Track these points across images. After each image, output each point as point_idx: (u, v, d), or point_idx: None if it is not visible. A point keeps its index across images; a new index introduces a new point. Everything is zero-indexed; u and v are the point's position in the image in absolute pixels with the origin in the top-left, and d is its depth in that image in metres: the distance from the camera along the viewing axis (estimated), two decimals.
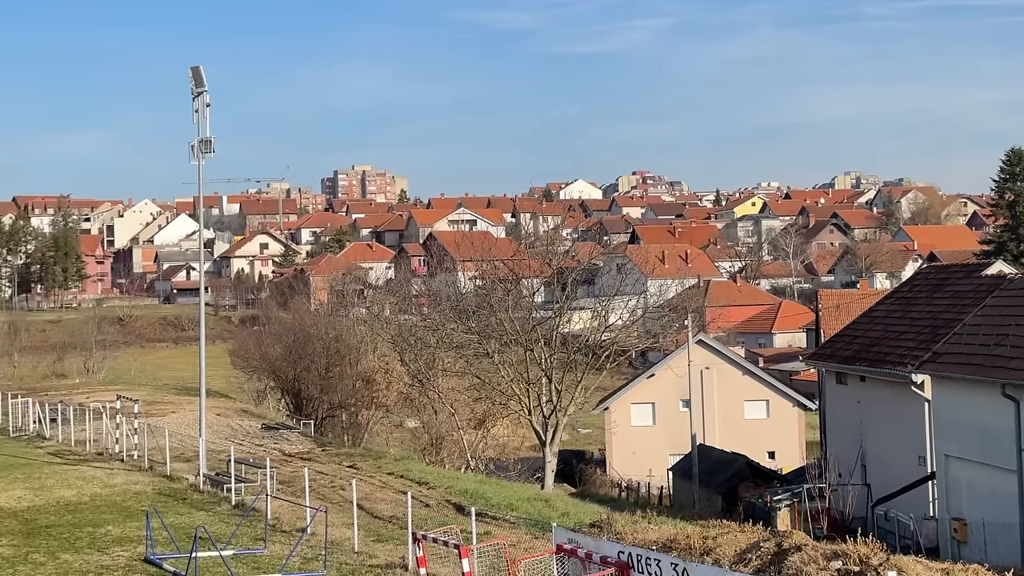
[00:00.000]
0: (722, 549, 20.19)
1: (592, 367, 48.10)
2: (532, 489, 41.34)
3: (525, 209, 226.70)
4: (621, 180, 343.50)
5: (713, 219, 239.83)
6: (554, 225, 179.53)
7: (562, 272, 51.14)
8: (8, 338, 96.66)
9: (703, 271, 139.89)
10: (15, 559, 24.78)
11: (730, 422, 60.64)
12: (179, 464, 37.53)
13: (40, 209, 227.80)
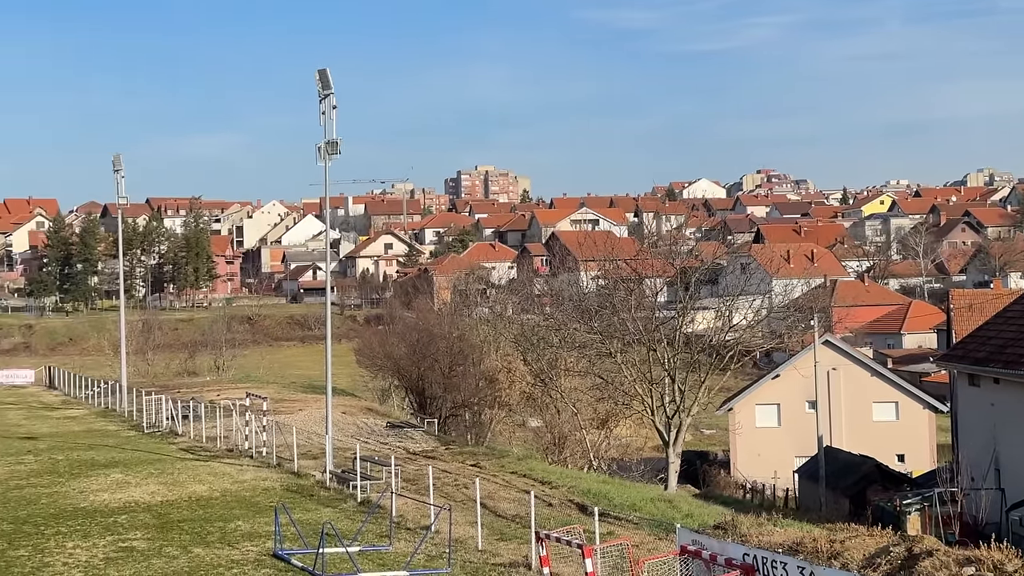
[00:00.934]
0: (850, 553, 19.84)
1: (716, 367, 47.68)
2: (655, 490, 41.10)
3: (648, 208, 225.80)
4: (745, 179, 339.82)
5: (840, 218, 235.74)
6: (677, 224, 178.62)
7: (685, 272, 50.85)
8: (142, 336, 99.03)
9: (829, 271, 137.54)
10: (149, 552, 25.42)
11: (858, 424, 59.55)
12: (306, 461, 38.12)
13: (173, 210, 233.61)
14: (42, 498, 32.79)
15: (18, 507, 31.35)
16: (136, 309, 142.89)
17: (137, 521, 28.98)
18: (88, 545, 26.26)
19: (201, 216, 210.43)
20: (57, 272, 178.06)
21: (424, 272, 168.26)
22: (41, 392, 76.39)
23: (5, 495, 33.40)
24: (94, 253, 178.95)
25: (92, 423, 54.48)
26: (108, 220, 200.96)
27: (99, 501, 32.08)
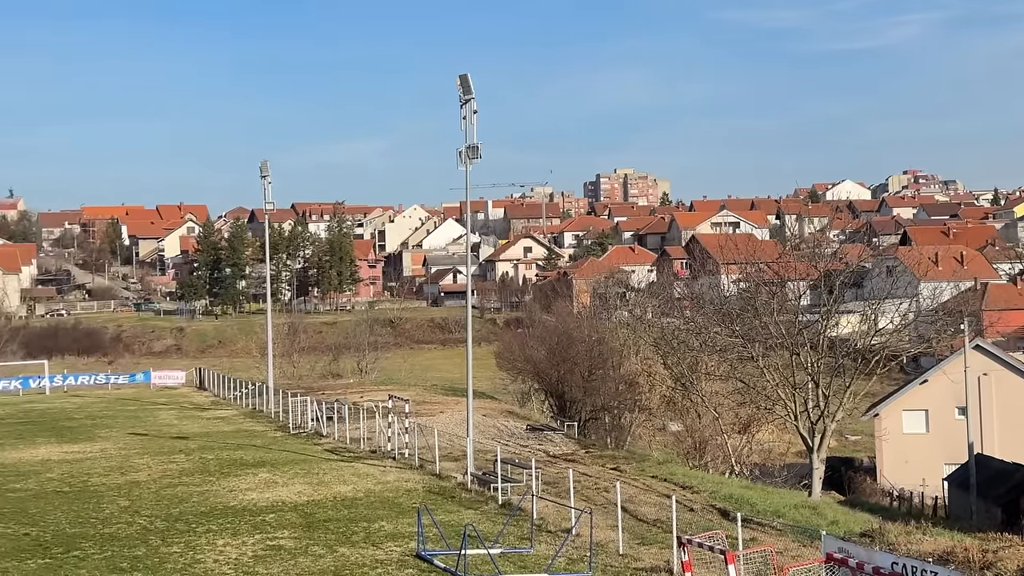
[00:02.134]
0: (1004, 563, 19.27)
1: (861, 372, 46.73)
2: (799, 496, 40.45)
3: (790, 210, 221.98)
4: (891, 179, 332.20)
5: (991, 219, 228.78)
6: (820, 227, 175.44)
7: (829, 275, 49.93)
8: (288, 339, 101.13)
9: (980, 273, 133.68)
10: (296, 551, 25.93)
11: (1011, 431, 57.70)
12: (448, 463, 38.46)
13: (317, 215, 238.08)
14: (193, 496, 33.70)
15: (171, 505, 32.27)
16: (282, 312, 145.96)
17: (284, 520, 29.59)
18: (237, 543, 26.90)
19: (344, 221, 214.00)
20: (207, 276, 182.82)
21: (563, 275, 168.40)
22: (192, 393, 78.49)
23: (158, 493, 34.41)
24: (242, 257, 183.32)
25: (240, 424, 55.80)
26: (255, 225, 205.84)
27: (248, 500, 32.84)
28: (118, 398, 73.68)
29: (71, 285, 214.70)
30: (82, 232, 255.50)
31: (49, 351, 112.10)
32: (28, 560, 25.44)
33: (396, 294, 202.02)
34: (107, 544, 27.02)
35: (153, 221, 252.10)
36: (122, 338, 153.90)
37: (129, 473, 38.81)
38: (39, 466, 41.06)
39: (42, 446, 47.41)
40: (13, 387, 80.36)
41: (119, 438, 49.81)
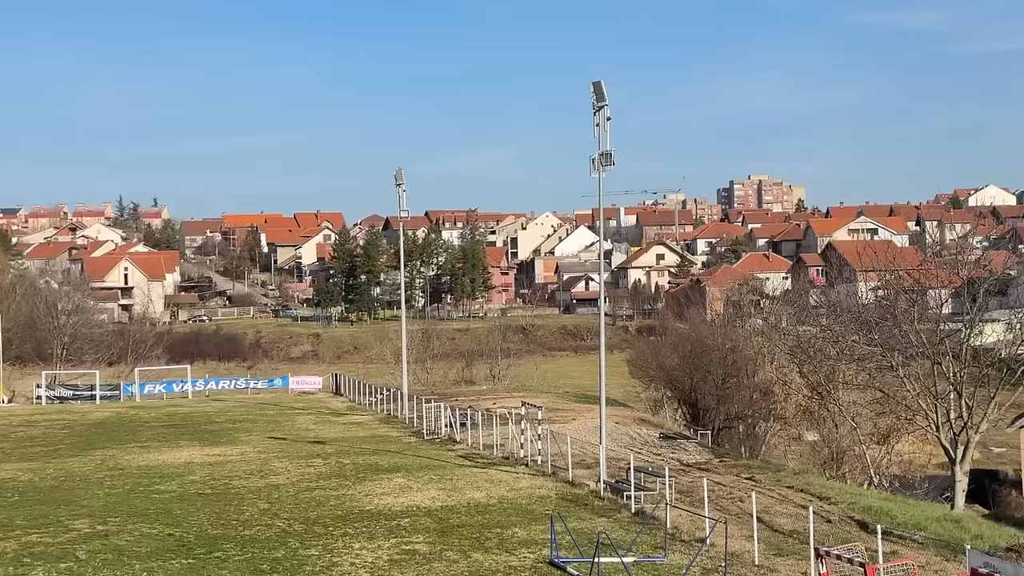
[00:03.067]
0: None
1: (1006, 382, 45.43)
2: (941, 509, 39.42)
3: (931, 216, 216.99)
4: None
5: None
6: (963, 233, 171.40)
7: (972, 282, 48.65)
8: (422, 345, 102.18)
9: None
10: (431, 556, 26.16)
11: None
12: (580, 470, 38.42)
13: (450, 223, 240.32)
14: (330, 500, 34.22)
15: (308, 508, 32.83)
16: (416, 319, 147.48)
17: (419, 525, 29.87)
18: (373, 547, 27.24)
19: (477, 228, 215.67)
20: (342, 283, 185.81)
21: (696, 283, 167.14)
22: (328, 398, 79.79)
23: (297, 496, 35.04)
24: (377, 265, 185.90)
25: (375, 429, 56.53)
26: (390, 233, 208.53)
27: (383, 504, 33.24)
28: (257, 402, 75.28)
29: (212, 292, 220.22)
30: (223, 240, 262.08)
31: (191, 356, 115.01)
32: (172, 560, 26.12)
33: (528, 301, 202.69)
34: (247, 546, 27.60)
35: (291, 229, 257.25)
36: (261, 344, 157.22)
37: (268, 476, 39.60)
38: (182, 468, 42.14)
39: (185, 449, 48.67)
40: (157, 391, 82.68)
41: (259, 442, 50.88)
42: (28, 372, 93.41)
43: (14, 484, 38.82)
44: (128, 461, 44.65)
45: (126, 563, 25.84)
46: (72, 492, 36.73)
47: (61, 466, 43.47)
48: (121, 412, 69.51)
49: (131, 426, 60.35)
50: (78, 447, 50.24)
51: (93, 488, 37.52)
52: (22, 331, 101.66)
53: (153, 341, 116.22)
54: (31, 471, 42.03)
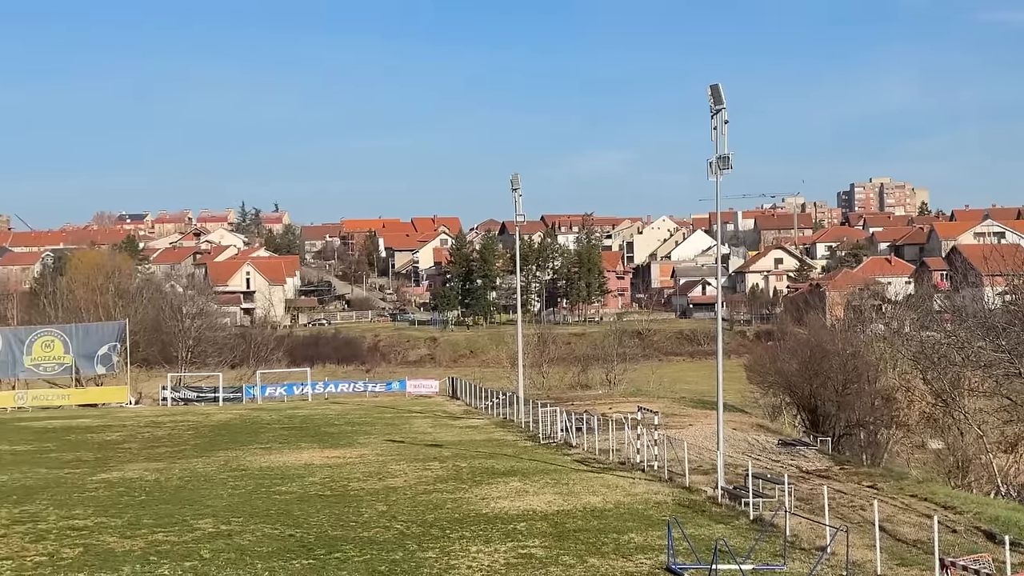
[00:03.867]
0: None
1: None
2: None
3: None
4: None
5: None
6: None
7: None
8: (537, 350, 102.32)
9: None
10: (547, 560, 26.18)
11: None
12: (697, 476, 38.13)
13: (566, 227, 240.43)
14: (447, 503, 34.46)
15: (426, 511, 33.10)
16: (531, 323, 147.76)
17: (535, 529, 29.92)
18: (490, 550, 27.36)
19: (593, 232, 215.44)
20: (459, 287, 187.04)
21: (816, 287, 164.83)
22: (445, 402, 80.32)
23: (414, 499, 35.34)
24: (492, 269, 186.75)
25: (492, 432, 56.75)
26: (506, 237, 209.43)
27: (499, 508, 33.36)
28: (375, 405, 76.10)
29: (331, 296, 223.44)
30: (342, 244, 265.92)
31: (311, 359, 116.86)
32: (293, 560, 26.55)
33: (644, 306, 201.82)
34: (366, 547, 27.93)
35: (408, 234, 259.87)
36: (379, 347, 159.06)
37: (386, 479, 40.01)
38: (302, 470, 42.79)
39: (305, 451, 49.41)
40: (278, 393, 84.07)
41: (377, 444, 51.43)
42: (154, 374, 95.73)
43: (141, 484, 39.82)
44: (250, 462, 45.50)
45: (248, 563, 26.34)
46: (196, 492, 37.55)
47: (186, 466, 44.47)
48: (243, 414, 70.85)
49: (253, 428, 61.47)
50: (202, 448, 51.35)
51: (216, 488, 38.31)
52: (148, 334, 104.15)
53: (274, 344, 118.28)
54: (157, 471, 43.07)
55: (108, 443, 54.64)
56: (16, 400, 79.63)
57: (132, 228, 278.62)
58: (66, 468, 44.63)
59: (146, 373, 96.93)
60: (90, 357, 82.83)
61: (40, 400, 79.93)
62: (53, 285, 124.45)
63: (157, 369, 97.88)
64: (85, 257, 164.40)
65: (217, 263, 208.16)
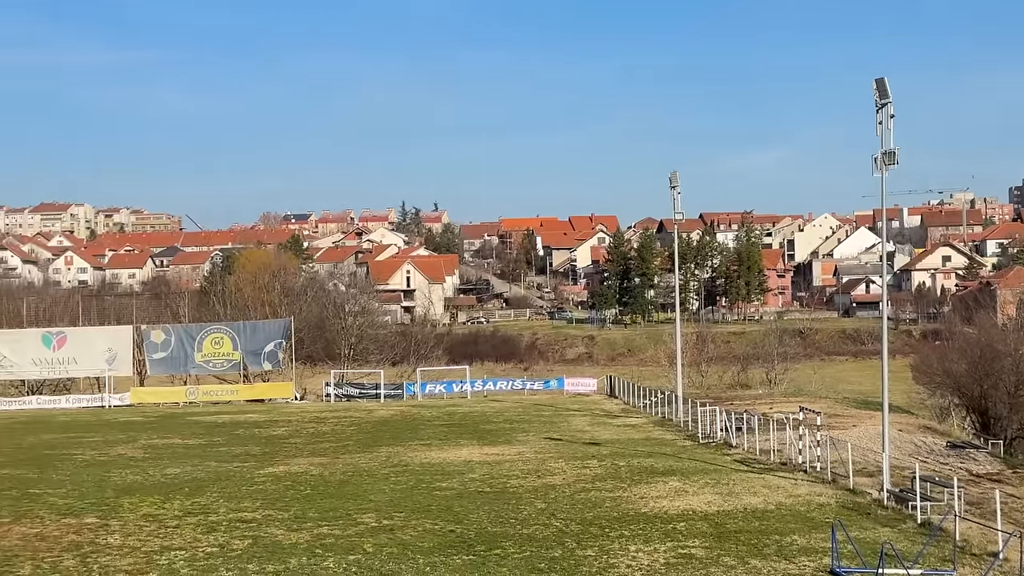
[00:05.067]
0: None
1: None
2: None
3: None
4: None
5: None
6: None
7: None
8: (695, 348, 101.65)
9: None
10: (708, 561, 25.93)
11: None
12: (861, 478, 37.31)
13: (725, 225, 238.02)
14: (606, 502, 34.40)
15: (584, 509, 33.10)
16: (689, 322, 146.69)
17: (695, 529, 29.66)
18: (649, 550, 27.22)
19: (752, 230, 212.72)
20: (616, 286, 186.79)
21: (986, 285, 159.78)
22: (602, 400, 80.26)
23: (572, 497, 35.38)
24: (650, 267, 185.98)
25: (650, 431, 56.50)
26: (664, 235, 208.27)
27: (658, 507, 33.17)
28: (533, 403, 76.47)
29: (490, 294, 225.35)
30: (500, 243, 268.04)
31: (470, 357, 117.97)
32: (454, 556, 26.83)
33: (805, 304, 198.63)
34: (525, 544, 28.06)
35: (566, 232, 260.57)
36: (537, 345, 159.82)
37: (545, 476, 40.15)
38: (462, 466, 43.24)
39: (464, 447, 49.93)
40: (438, 391, 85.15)
41: (535, 442, 51.67)
42: (318, 371, 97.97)
43: (306, 478, 40.76)
44: (411, 458, 46.17)
45: (410, 557, 26.72)
46: (359, 487, 38.25)
47: (349, 461, 45.36)
48: (404, 410, 71.98)
49: (413, 424, 62.38)
50: (364, 444, 52.32)
51: (379, 484, 38.98)
52: (312, 331, 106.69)
53: (434, 342, 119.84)
54: (321, 466, 44.02)
55: (274, 438, 56.10)
56: (187, 395, 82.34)
57: (297, 228, 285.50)
58: (235, 462, 45.96)
59: (310, 370, 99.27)
60: (257, 354, 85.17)
61: (210, 395, 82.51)
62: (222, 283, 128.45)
63: (321, 366, 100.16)
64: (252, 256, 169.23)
65: (378, 262, 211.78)
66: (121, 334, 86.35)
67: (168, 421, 67.56)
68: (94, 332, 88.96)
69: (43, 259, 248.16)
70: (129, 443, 54.51)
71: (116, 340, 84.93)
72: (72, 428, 64.06)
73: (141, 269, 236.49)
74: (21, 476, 42.52)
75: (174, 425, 64.51)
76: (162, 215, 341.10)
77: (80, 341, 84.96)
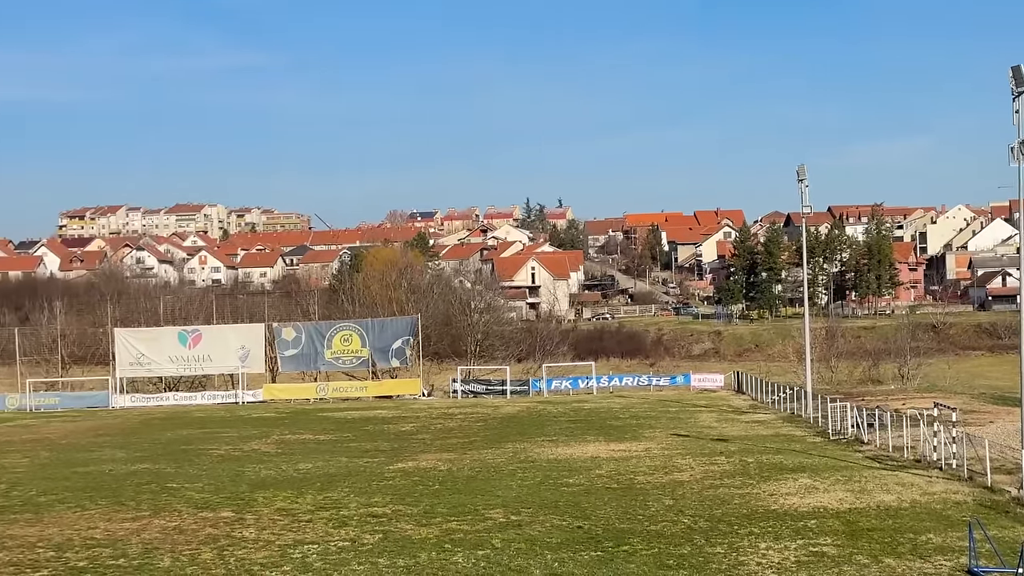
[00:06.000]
0: None
1: None
2: None
3: None
4: None
5: None
6: None
7: None
8: (825, 343, 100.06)
9: None
10: (840, 559, 25.54)
11: None
12: (1000, 476, 36.36)
13: (854, 218, 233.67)
14: (734, 498, 34.11)
15: (713, 506, 32.87)
16: (818, 316, 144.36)
17: (826, 527, 29.24)
18: (779, 547, 26.91)
19: (883, 223, 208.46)
20: (743, 280, 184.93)
21: None
22: (730, 396, 79.63)
23: (701, 494, 35.17)
24: (777, 262, 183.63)
25: (779, 428, 55.87)
26: (791, 229, 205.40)
27: (788, 504, 32.78)
28: (659, 399, 76.21)
29: (614, 290, 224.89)
30: (624, 239, 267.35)
31: (595, 353, 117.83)
32: (582, 552, 26.86)
33: (938, 298, 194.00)
34: (653, 541, 27.97)
35: (691, 227, 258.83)
36: (662, 341, 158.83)
37: (672, 473, 39.97)
38: (589, 463, 43.26)
39: (591, 443, 49.95)
40: (564, 387, 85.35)
41: (662, 438, 51.47)
42: (444, 367, 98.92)
43: (435, 473, 41.19)
44: (537, 454, 46.35)
45: (538, 553, 26.82)
46: (487, 483, 38.52)
47: (476, 457, 45.71)
48: (530, 406, 72.29)
49: (539, 420, 62.60)
50: (491, 440, 52.68)
51: (506, 479, 39.20)
52: (439, 328, 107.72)
53: (559, 338, 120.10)
54: (449, 461, 44.44)
55: (403, 434, 56.83)
56: (318, 392, 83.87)
57: (423, 225, 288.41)
58: (365, 457, 46.67)
59: (437, 366, 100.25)
60: (385, 351, 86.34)
61: (339, 392, 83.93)
62: (350, 281, 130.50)
63: (447, 362, 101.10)
64: (379, 254, 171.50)
65: (503, 258, 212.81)
66: (253, 332, 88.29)
67: (299, 417, 68.87)
68: (228, 330, 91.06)
69: (178, 259, 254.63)
70: (262, 439, 55.74)
71: (249, 338, 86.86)
72: (207, 424, 65.73)
73: (272, 268, 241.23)
74: (159, 471, 43.78)
75: (305, 421, 65.75)
76: (292, 214, 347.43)
77: (214, 339, 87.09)
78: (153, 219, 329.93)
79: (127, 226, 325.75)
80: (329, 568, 25.80)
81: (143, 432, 61.37)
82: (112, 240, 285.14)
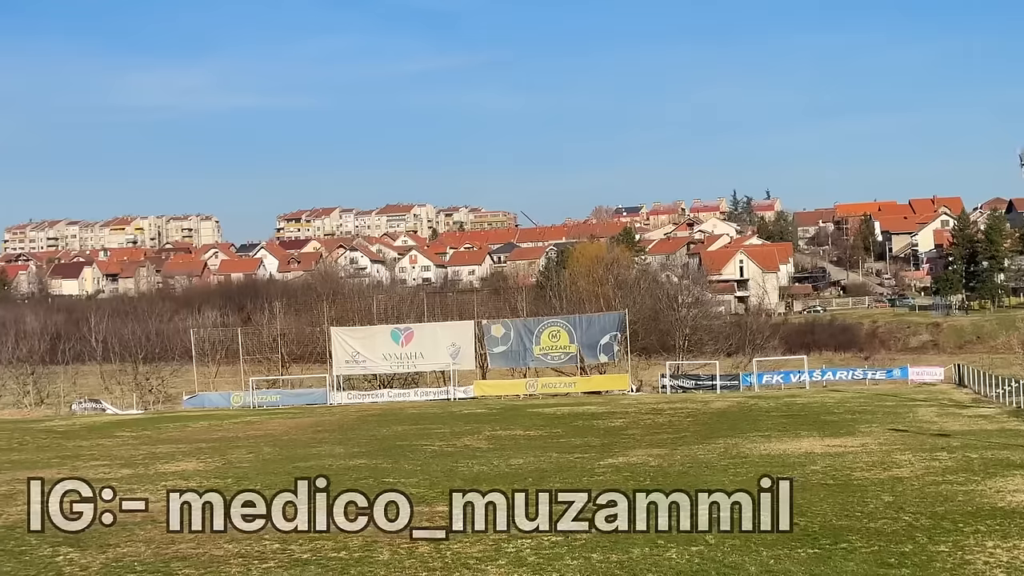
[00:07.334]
0: None
1: None
2: None
3: None
4: None
5: None
6: None
7: None
8: None
9: None
10: None
11: None
12: None
13: None
14: (958, 495, 32.87)
15: (935, 503, 31.74)
16: None
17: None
18: (1008, 546, 25.80)
19: None
20: (962, 270, 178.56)
21: None
22: (950, 389, 76.94)
23: (922, 490, 34.01)
24: (1000, 250, 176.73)
25: (1004, 422, 53.64)
26: (1013, 216, 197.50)
27: (1017, 502, 31.40)
28: (875, 393, 74.19)
29: (826, 282, 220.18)
30: (835, 229, 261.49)
31: (807, 346, 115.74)
32: (798, 549, 26.31)
33: None
34: (872, 538, 27.18)
35: (906, 216, 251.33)
36: (877, 333, 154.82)
37: (891, 469, 38.77)
38: (802, 458, 42.35)
39: (804, 439, 48.90)
40: (775, 381, 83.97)
41: (879, 433, 50.04)
42: (652, 362, 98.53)
43: (645, 468, 40.97)
44: (749, 449, 45.63)
45: (753, 549, 26.39)
46: (699, 478, 38.08)
47: (687, 452, 45.29)
48: (740, 401, 71.29)
49: (750, 415, 61.66)
50: (701, 435, 52.14)
51: (718, 475, 38.69)
52: (646, 323, 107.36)
53: (769, 332, 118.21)
54: (660, 457, 44.15)
55: (612, 429, 56.78)
56: (527, 387, 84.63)
57: (628, 220, 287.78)
58: (575, 452, 46.77)
59: (645, 361, 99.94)
60: (593, 346, 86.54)
61: (548, 388, 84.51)
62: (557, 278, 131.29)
63: (655, 357, 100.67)
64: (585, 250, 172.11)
65: (710, 252, 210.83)
66: (463, 329, 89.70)
67: (509, 413, 69.59)
68: (438, 327, 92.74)
69: (389, 258, 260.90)
70: (474, 434, 56.49)
71: (459, 335, 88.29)
72: (420, 420, 67.04)
73: (480, 265, 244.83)
74: (376, 466, 44.81)
75: (515, 417, 66.38)
76: (498, 212, 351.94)
77: (426, 336, 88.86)
78: (365, 220, 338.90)
79: (340, 227, 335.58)
80: (543, 563, 25.92)
81: (360, 428, 62.95)
82: (326, 241, 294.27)
